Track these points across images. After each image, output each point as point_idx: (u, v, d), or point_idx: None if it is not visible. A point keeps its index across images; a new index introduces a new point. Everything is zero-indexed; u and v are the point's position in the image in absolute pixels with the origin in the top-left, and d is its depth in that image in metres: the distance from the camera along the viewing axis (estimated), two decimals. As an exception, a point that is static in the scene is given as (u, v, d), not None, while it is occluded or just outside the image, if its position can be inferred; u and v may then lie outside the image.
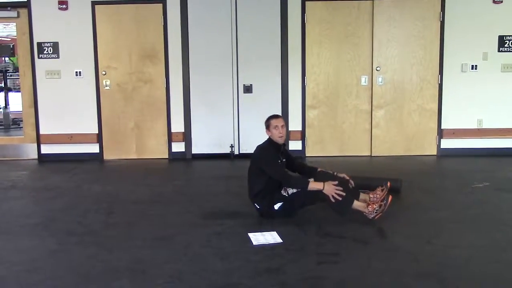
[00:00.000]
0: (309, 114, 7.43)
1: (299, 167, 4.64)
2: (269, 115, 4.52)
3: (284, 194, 4.27)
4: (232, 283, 3.07)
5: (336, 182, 4.19)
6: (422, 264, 3.31)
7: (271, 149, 4.38)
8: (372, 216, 4.12)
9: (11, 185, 5.99)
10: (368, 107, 7.39)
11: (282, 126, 4.39)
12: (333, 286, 3.03)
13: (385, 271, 3.21)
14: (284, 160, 4.47)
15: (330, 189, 4.13)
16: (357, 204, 4.18)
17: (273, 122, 4.40)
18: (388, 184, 4.42)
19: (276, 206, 4.27)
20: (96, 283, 3.11)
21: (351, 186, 4.34)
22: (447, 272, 3.17)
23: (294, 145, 7.45)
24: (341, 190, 4.12)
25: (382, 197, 4.25)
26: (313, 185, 4.18)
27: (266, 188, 4.28)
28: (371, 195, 4.37)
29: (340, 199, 4.10)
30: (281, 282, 3.07)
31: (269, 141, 4.44)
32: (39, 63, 7.40)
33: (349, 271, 3.24)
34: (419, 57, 7.28)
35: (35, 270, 3.34)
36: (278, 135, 4.37)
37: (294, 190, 4.25)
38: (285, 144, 4.51)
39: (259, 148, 4.44)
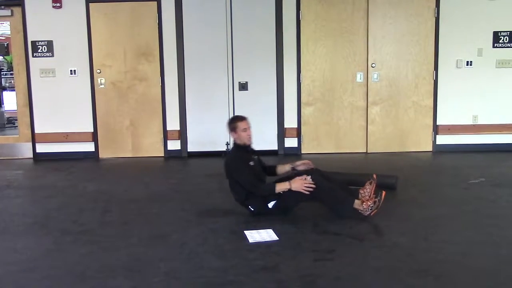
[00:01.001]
0: (305, 111, 7.43)
1: (264, 165, 4.66)
2: (232, 117, 4.44)
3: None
4: (228, 280, 3.06)
5: (304, 176, 4.17)
6: (418, 261, 3.32)
7: (242, 155, 4.35)
8: (367, 213, 4.12)
9: (6, 185, 5.97)
10: (363, 104, 7.39)
11: (249, 127, 4.39)
12: (329, 283, 3.03)
13: (381, 268, 3.22)
14: (256, 157, 4.48)
15: (297, 185, 4.13)
16: (355, 203, 4.18)
17: (241, 124, 4.35)
18: (374, 176, 4.34)
19: (270, 205, 4.26)
20: (92, 282, 3.10)
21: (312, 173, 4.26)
22: (443, 269, 3.18)
23: (290, 142, 7.46)
24: (311, 182, 4.10)
25: (372, 191, 4.20)
26: (280, 186, 4.19)
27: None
28: (361, 191, 4.33)
29: (311, 190, 4.09)
30: (277, 279, 3.07)
31: (236, 146, 4.40)
32: (33, 61, 7.38)
33: (345, 268, 3.24)
34: (414, 53, 7.29)
35: (31, 269, 3.33)
36: (247, 137, 4.37)
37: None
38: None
39: (230, 159, 4.39)
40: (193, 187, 5.59)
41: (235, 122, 4.39)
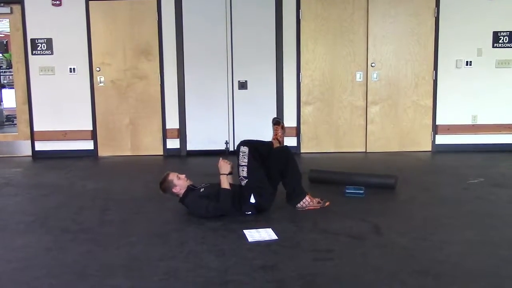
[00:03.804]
0: (304, 110, 7.43)
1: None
2: (160, 182, 4.42)
3: (243, 183, 4.27)
4: (227, 280, 3.06)
5: (221, 159, 4.42)
6: (418, 261, 3.32)
7: (193, 195, 4.34)
8: (306, 207, 4.41)
9: (5, 182, 5.96)
10: (363, 103, 7.39)
11: (177, 174, 4.39)
12: (328, 283, 3.02)
13: (381, 267, 3.21)
14: (204, 184, 4.46)
15: (223, 167, 4.32)
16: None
17: (172, 178, 4.35)
18: (327, 204, 4.50)
19: (252, 200, 4.27)
20: (91, 280, 3.09)
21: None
22: (442, 268, 3.18)
23: (289, 141, 7.42)
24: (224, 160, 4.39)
25: (312, 207, 4.44)
26: (223, 184, 4.26)
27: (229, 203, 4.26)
28: (308, 198, 4.47)
29: (228, 163, 4.34)
30: (276, 279, 3.06)
31: (186, 192, 4.36)
32: (32, 59, 7.38)
33: (345, 267, 3.24)
34: (414, 53, 7.29)
35: (30, 267, 3.32)
36: (184, 180, 4.37)
37: (245, 173, 4.24)
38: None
39: (189, 206, 4.35)
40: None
41: (165, 181, 4.38)
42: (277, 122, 4.88)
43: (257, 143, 4.46)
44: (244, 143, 4.38)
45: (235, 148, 4.43)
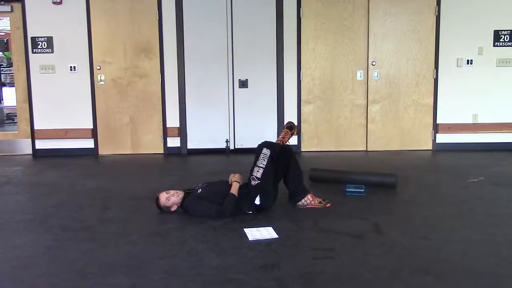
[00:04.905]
0: (305, 109, 7.42)
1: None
2: (156, 205, 4.40)
3: (253, 183, 4.26)
4: (227, 278, 3.06)
5: (234, 175, 4.45)
6: (418, 259, 3.31)
7: (190, 198, 4.34)
8: (307, 205, 4.45)
9: (6, 181, 5.96)
10: (363, 102, 7.39)
11: (166, 195, 4.37)
12: (329, 282, 3.02)
13: (381, 266, 3.21)
14: (201, 185, 4.47)
15: (237, 178, 4.38)
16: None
17: (162, 201, 4.35)
18: (328, 205, 4.50)
19: (257, 201, 4.27)
20: (91, 279, 3.09)
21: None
22: (443, 267, 3.17)
23: (290, 140, 7.41)
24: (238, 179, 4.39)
25: (313, 205, 4.48)
26: (234, 190, 4.26)
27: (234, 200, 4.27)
28: (310, 196, 4.49)
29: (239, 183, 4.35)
30: (276, 277, 3.06)
31: (184, 198, 4.38)
32: (33, 57, 7.37)
33: (345, 266, 3.24)
34: (414, 51, 7.29)
35: (31, 266, 3.32)
36: (176, 197, 4.35)
37: (259, 175, 4.24)
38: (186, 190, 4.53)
39: (189, 209, 4.32)
40: (193, 185, 5.55)
41: (160, 208, 4.39)
42: (291, 127, 4.86)
43: (277, 147, 4.44)
44: (267, 145, 4.36)
45: (256, 147, 4.39)
